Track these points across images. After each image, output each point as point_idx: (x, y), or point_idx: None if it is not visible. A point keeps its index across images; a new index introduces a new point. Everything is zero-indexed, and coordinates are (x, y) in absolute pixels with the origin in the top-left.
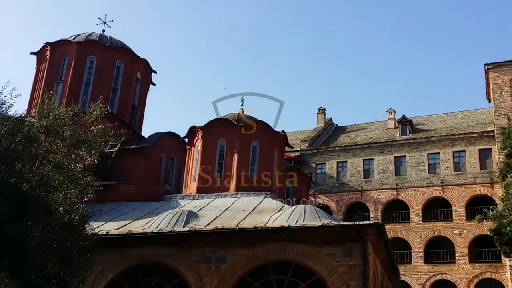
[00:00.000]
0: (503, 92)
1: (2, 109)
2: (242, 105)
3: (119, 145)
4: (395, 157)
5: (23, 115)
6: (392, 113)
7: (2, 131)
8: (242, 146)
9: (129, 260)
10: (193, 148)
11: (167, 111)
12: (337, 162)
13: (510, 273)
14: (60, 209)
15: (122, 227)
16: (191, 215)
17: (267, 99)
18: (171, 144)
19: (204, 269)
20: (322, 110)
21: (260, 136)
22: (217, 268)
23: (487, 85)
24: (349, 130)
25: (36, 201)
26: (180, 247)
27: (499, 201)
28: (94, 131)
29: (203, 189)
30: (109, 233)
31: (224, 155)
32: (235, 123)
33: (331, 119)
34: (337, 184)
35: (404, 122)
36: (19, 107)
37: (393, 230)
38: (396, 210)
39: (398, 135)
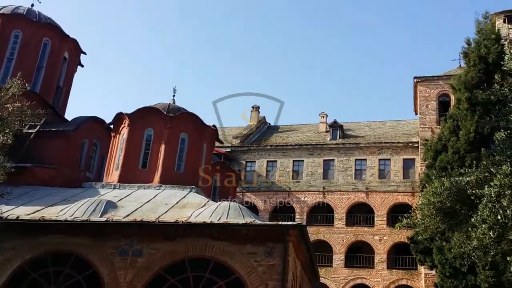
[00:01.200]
0: (429, 106)
1: None
2: (174, 96)
3: (39, 126)
4: (324, 160)
5: None
6: (324, 117)
7: None
8: (170, 138)
9: (40, 248)
10: (118, 135)
11: (94, 96)
12: (267, 161)
13: (425, 280)
14: None
15: (34, 212)
16: (110, 205)
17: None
18: (95, 130)
19: (119, 262)
20: (256, 108)
21: (190, 129)
22: (132, 262)
23: (415, 98)
24: (282, 130)
25: None
26: (96, 238)
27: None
28: (10, 109)
29: (126, 179)
30: (20, 218)
31: (150, 145)
32: (165, 113)
33: (264, 117)
34: (265, 184)
35: (335, 127)
36: None
37: (317, 233)
38: (321, 213)
39: (328, 139)
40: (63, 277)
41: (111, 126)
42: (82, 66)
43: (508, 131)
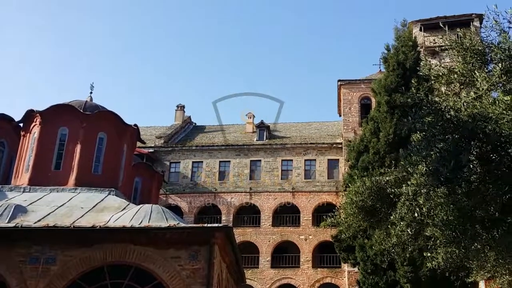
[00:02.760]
0: (352, 108)
1: None
2: (91, 93)
3: None
4: (251, 160)
5: None
6: (251, 118)
7: None
8: (87, 137)
9: None
10: (28, 134)
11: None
12: (193, 162)
13: (348, 278)
14: None
15: None
16: (19, 209)
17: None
18: (2, 128)
19: (29, 271)
20: (181, 107)
21: (108, 128)
22: (45, 270)
23: (339, 100)
24: (208, 130)
25: None
26: (2, 245)
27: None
28: None
29: (37, 181)
30: None
31: (65, 145)
32: (81, 111)
33: (190, 117)
34: (190, 185)
35: (262, 128)
36: None
37: (243, 234)
38: (248, 214)
39: (255, 139)
40: None
41: (21, 125)
42: None
43: (424, 133)
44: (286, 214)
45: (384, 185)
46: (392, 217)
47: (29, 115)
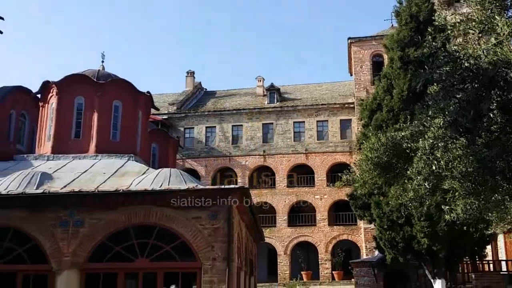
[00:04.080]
0: (363, 66)
1: None
2: (102, 62)
3: None
4: (263, 124)
5: None
6: (261, 81)
7: None
8: (102, 105)
9: None
10: (47, 105)
11: (16, 64)
12: (206, 127)
13: (364, 234)
14: None
15: None
16: (45, 177)
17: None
18: (22, 100)
19: (60, 233)
20: (191, 74)
21: (122, 96)
22: (74, 232)
23: (350, 59)
24: (219, 95)
25: None
26: (33, 211)
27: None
28: None
29: (59, 150)
30: None
31: (82, 114)
32: (95, 80)
33: (200, 83)
34: (205, 149)
35: (272, 90)
36: None
37: (259, 195)
38: (263, 176)
39: (266, 102)
40: (3, 251)
41: (38, 96)
42: (1, 32)
43: (441, 84)
44: (301, 175)
45: (400, 141)
46: (408, 172)
47: (46, 86)
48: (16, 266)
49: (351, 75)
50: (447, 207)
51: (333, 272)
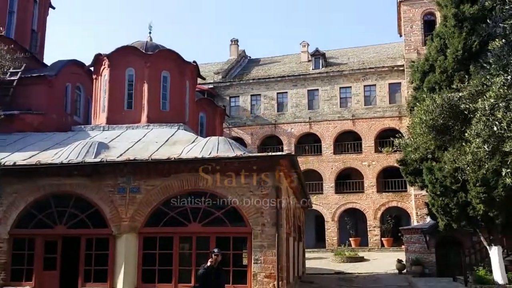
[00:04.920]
0: (414, 26)
1: None
2: (150, 33)
3: (20, 72)
4: (308, 90)
5: None
6: (306, 46)
7: None
8: (151, 76)
9: (40, 190)
10: (99, 77)
11: (69, 38)
12: (251, 95)
13: (415, 201)
14: None
15: (30, 157)
16: (102, 146)
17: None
18: (77, 73)
19: (118, 199)
20: (235, 42)
21: (170, 66)
22: (131, 198)
23: (399, 19)
24: (263, 63)
25: None
26: (92, 178)
27: (406, 132)
28: None
29: (113, 120)
30: (16, 163)
31: (133, 85)
32: (143, 51)
33: (244, 51)
34: (251, 118)
35: (317, 56)
36: None
37: (306, 162)
38: (309, 143)
39: (311, 68)
40: (67, 216)
41: (91, 69)
42: (54, 8)
43: (504, 39)
44: (348, 142)
45: (457, 102)
46: (466, 134)
47: (98, 59)
48: (79, 230)
49: (401, 36)
50: (507, 170)
51: (382, 239)
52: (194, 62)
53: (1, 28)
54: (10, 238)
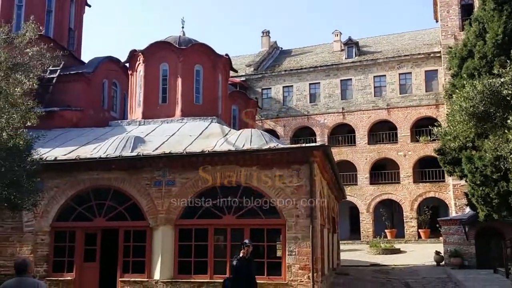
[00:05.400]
0: (450, 11)
1: None
2: (183, 27)
3: (59, 70)
4: (341, 80)
5: None
6: (338, 35)
7: None
8: (185, 70)
9: (80, 184)
10: (135, 73)
11: (103, 35)
12: (283, 87)
13: (453, 191)
14: (4, 134)
15: (70, 152)
16: (138, 140)
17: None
18: (112, 69)
19: (155, 192)
20: (266, 33)
21: (203, 60)
22: (167, 191)
23: (435, 4)
24: (294, 53)
25: None
26: (129, 172)
27: (444, 121)
28: (30, 54)
29: (148, 115)
30: (57, 158)
31: (167, 79)
32: (177, 46)
33: (275, 42)
34: (283, 109)
35: (350, 45)
36: None
37: (340, 153)
38: (342, 134)
39: (344, 57)
40: (106, 209)
41: (127, 65)
42: (89, 6)
43: None
44: (382, 132)
45: (499, 88)
46: (509, 121)
47: (133, 55)
48: (117, 222)
49: (437, 21)
50: None
51: (419, 230)
52: (226, 55)
53: (40, 28)
54: (51, 230)
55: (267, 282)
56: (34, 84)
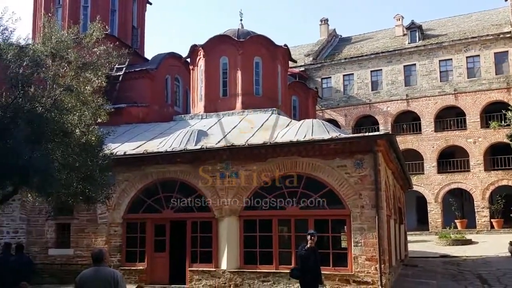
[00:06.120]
0: None
1: (5, 34)
2: (241, 20)
3: (124, 68)
4: (404, 66)
5: (27, 40)
6: (400, 19)
7: (9, 56)
8: (244, 63)
9: (148, 178)
10: (196, 67)
11: (165, 31)
12: (343, 75)
13: None
14: (76, 130)
15: (138, 147)
16: (202, 134)
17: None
18: (175, 65)
19: (219, 184)
20: (325, 21)
21: (262, 52)
22: (231, 183)
23: None
24: (354, 40)
25: (53, 124)
26: (194, 164)
27: None
28: (97, 53)
29: (210, 108)
30: (126, 153)
31: (227, 72)
32: (236, 39)
33: (334, 30)
34: (344, 98)
35: (413, 28)
36: (20, 32)
37: (404, 142)
38: (407, 122)
39: (407, 42)
40: (173, 201)
41: (188, 60)
42: (151, 3)
43: None
44: (450, 118)
45: None
46: None
47: (193, 50)
48: (185, 214)
49: (506, 0)
50: None
51: (492, 220)
52: (285, 45)
53: (106, 27)
54: (123, 222)
55: (332, 273)
56: (103, 82)
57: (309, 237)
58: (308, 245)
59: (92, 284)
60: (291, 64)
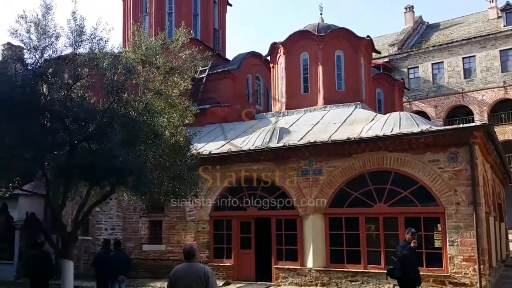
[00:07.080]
0: None
1: (100, 44)
2: (321, 14)
3: (208, 70)
4: (500, 51)
5: (119, 48)
6: (493, 1)
7: (104, 65)
8: (325, 57)
9: (232, 176)
10: (276, 65)
11: (245, 31)
12: (432, 64)
13: None
14: (166, 132)
15: (222, 146)
16: (284, 131)
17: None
18: (255, 64)
19: (302, 181)
20: (410, 8)
21: (343, 44)
22: (314, 180)
23: None
24: (443, 26)
25: (145, 127)
26: (277, 162)
27: None
28: (183, 57)
29: (292, 105)
30: (211, 152)
31: (308, 68)
32: (316, 33)
33: (420, 17)
34: (433, 88)
35: (509, 10)
36: (113, 42)
37: (503, 132)
38: (505, 111)
39: (502, 25)
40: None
41: (268, 58)
42: (231, 5)
43: None
44: None
45: None
46: None
47: (273, 48)
48: (269, 212)
49: None
50: None
51: None
52: (368, 36)
53: (191, 31)
54: (210, 219)
55: (426, 274)
56: (189, 85)
57: (410, 235)
58: (412, 245)
59: (185, 280)
60: (374, 55)
